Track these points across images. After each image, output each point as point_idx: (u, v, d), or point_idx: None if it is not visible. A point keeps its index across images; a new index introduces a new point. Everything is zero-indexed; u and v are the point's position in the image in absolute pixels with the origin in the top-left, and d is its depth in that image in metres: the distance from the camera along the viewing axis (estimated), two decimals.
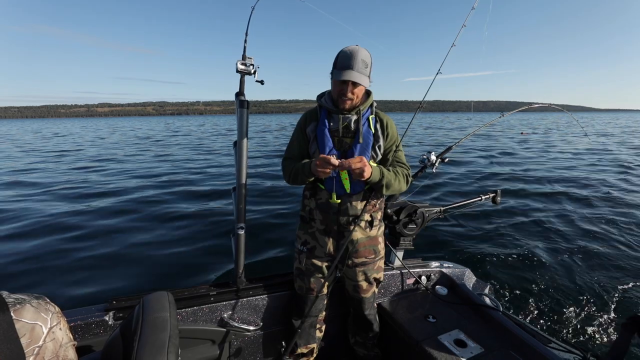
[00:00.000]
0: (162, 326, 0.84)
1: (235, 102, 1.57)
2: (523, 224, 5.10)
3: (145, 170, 10.44)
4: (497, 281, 3.44)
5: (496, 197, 2.27)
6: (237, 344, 1.65)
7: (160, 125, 57.95)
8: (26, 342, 0.71)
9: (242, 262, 1.65)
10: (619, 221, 5.18)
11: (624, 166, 10.19)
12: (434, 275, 2.11)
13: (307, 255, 1.59)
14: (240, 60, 1.51)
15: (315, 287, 1.59)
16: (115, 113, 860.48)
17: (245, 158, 1.57)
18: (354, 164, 1.29)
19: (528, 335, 1.58)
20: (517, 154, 13.43)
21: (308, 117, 1.55)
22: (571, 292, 3.28)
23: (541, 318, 2.91)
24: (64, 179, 9.08)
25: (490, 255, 4.04)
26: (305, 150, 1.54)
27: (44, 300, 0.82)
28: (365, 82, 1.37)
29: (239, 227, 1.60)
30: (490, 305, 1.85)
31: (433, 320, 1.77)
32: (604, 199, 6.52)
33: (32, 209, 6.11)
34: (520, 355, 1.49)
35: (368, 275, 1.62)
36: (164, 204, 6.33)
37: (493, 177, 8.64)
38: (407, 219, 1.95)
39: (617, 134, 24.40)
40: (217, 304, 1.59)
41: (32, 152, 16.22)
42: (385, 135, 1.52)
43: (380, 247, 1.64)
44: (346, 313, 1.87)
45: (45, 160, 13.38)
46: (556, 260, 3.92)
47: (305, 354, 1.69)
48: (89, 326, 1.36)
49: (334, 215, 1.51)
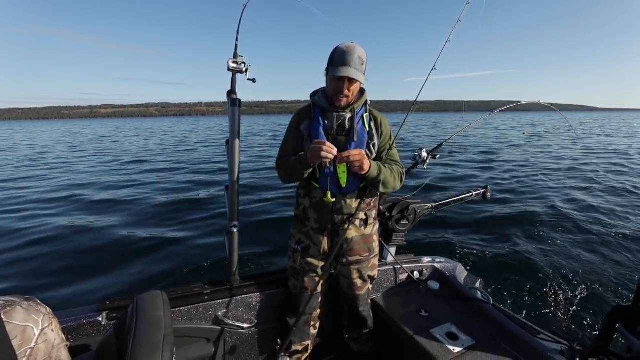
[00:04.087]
0: (157, 325, 0.84)
1: (227, 100, 1.56)
2: (513, 219, 5.20)
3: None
4: (488, 275, 3.50)
5: (486, 193, 2.31)
6: (232, 342, 1.65)
7: (184, 125, 58.94)
8: (18, 344, 0.71)
9: (235, 261, 1.65)
10: (605, 215, 5.32)
11: (614, 163, 10.43)
12: (426, 270, 2.14)
13: (301, 254, 1.58)
14: (231, 59, 1.50)
15: (309, 286, 1.59)
16: (118, 114, 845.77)
17: (238, 157, 1.56)
18: (353, 155, 1.30)
19: (518, 327, 1.61)
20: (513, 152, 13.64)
21: (302, 115, 1.53)
22: (559, 285, 3.36)
23: (531, 310, 2.98)
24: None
25: (481, 250, 4.11)
26: (300, 148, 1.53)
27: (34, 302, 0.81)
28: (361, 79, 1.36)
29: (232, 225, 1.59)
30: (481, 299, 1.89)
31: (426, 315, 1.79)
32: (591, 194, 6.68)
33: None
34: (510, 346, 1.53)
35: (362, 273, 1.63)
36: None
37: (485, 176, 8.77)
38: (400, 215, 1.97)
39: (612, 133, 24.77)
40: (212, 302, 1.59)
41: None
42: (380, 134, 1.52)
43: (374, 245, 1.65)
44: (340, 309, 1.88)
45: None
46: (545, 254, 4.01)
47: (300, 351, 1.70)
48: (82, 327, 1.35)
49: (328, 214, 1.50)
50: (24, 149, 20.03)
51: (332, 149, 1.29)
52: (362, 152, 1.33)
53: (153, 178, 9.12)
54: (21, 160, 13.92)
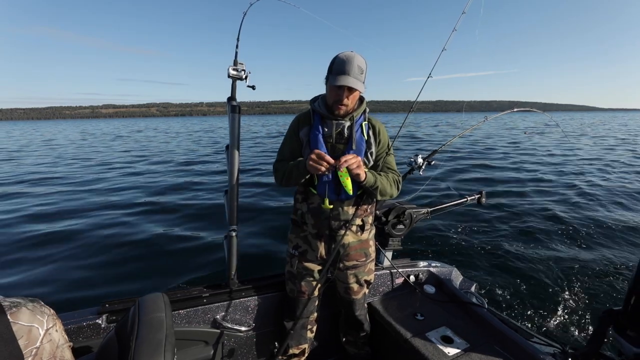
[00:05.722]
0: (159, 326, 0.86)
1: (227, 106, 1.60)
2: (508, 225, 5.24)
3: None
4: (483, 279, 3.54)
5: (481, 198, 2.35)
6: (230, 344, 1.66)
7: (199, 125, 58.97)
8: (24, 344, 0.72)
9: (234, 264, 1.66)
10: (598, 219, 5.38)
11: (603, 168, 10.55)
12: (422, 275, 2.16)
13: (298, 259, 1.60)
14: (232, 66, 1.53)
15: (306, 290, 1.61)
16: (119, 114, 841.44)
17: (238, 162, 1.59)
18: (349, 160, 1.31)
19: (511, 331, 1.64)
20: (509, 153, 13.73)
21: (301, 121, 1.55)
22: (552, 289, 3.40)
23: (524, 314, 3.02)
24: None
25: (476, 254, 4.14)
26: (298, 153, 1.54)
27: (38, 303, 0.83)
28: (360, 88, 1.38)
29: (231, 229, 1.62)
30: (476, 303, 1.91)
31: (421, 318, 1.82)
32: (584, 198, 6.75)
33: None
34: (503, 349, 1.56)
35: (359, 277, 1.65)
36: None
37: (481, 180, 8.84)
38: (396, 220, 2.00)
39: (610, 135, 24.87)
40: (210, 305, 1.60)
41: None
42: (378, 142, 1.54)
43: (371, 250, 1.68)
44: (337, 313, 1.90)
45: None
46: (538, 259, 4.04)
47: (297, 354, 1.71)
48: (82, 329, 1.36)
49: (325, 219, 1.52)
50: (59, 147, 19.58)
51: (330, 162, 1.31)
52: (356, 156, 1.35)
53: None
54: (87, 164, 12.75)
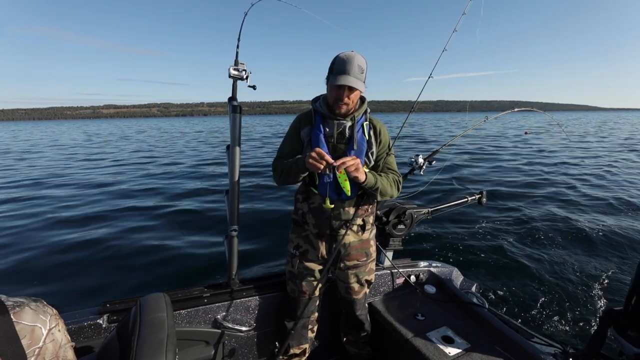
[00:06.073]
0: (160, 326, 0.87)
1: (228, 106, 1.60)
2: (508, 225, 5.24)
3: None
4: (484, 280, 3.54)
5: (482, 198, 2.35)
6: (231, 344, 1.67)
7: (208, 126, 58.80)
8: (27, 344, 0.73)
9: (235, 264, 1.67)
10: (599, 220, 5.38)
11: (606, 168, 10.53)
12: (422, 275, 2.17)
13: (299, 259, 1.61)
14: (232, 66, 1.53)
15: (307, 290, 1.61)
16: (120, 114, 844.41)
17: (238, 162, 1.59)
18: (347, 162, 1.31)
19: (512, 331, 1.64)
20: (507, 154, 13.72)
21: (303, 121, 1.55)
22: (553, 289, 3.40)
23: (525, 314, 3.02)
24: None
25: (477, 254, 4.14)
26: (298, 152, 1.55)
27: (41, 303, 0.84)
28: (361, 87, 1.38)
29: (232, 229, 1.62)
30: (476, 303, 1.92)
31: (422, 318, 1.82)
32: (584, 198, 6.74)
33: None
34: (504, 349, 1.56)
35: (360, 277, 1.65)
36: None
37: (482, 180, 8.83)
38: (396, 220, 2.00)
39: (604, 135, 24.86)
40: (211, 305, 1.61)
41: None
42: (378, 142, 1.55)
43: (372, 249, 1.68)
44: (338, 313, 1.91)
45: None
46: (539, 259, 4.05)
47: (298, 354, 1.71)
48: (83, 329, 1.36)
49: (326, 219, 1.53)
50: (66, 148, 19.65)
51: (329, 162, 1.30)
52: (355, 157, 1.35)
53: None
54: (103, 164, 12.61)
